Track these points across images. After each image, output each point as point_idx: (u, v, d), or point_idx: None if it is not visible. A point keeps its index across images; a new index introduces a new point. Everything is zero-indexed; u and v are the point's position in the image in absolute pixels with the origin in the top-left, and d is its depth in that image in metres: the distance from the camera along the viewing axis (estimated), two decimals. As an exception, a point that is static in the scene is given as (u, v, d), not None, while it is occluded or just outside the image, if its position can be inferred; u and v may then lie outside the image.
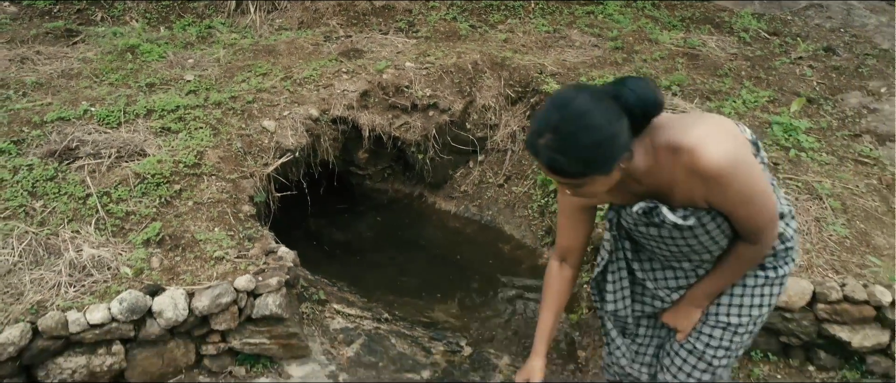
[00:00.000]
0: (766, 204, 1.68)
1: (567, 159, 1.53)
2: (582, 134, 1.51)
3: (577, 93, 1.55)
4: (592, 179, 1.59)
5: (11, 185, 3.21)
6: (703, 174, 1.57)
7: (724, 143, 1.56)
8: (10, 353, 2.34)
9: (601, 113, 1.51)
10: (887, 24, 5.33)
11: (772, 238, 1.76)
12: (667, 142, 1.61)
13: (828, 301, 2.72)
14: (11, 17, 5.03)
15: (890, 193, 3.61)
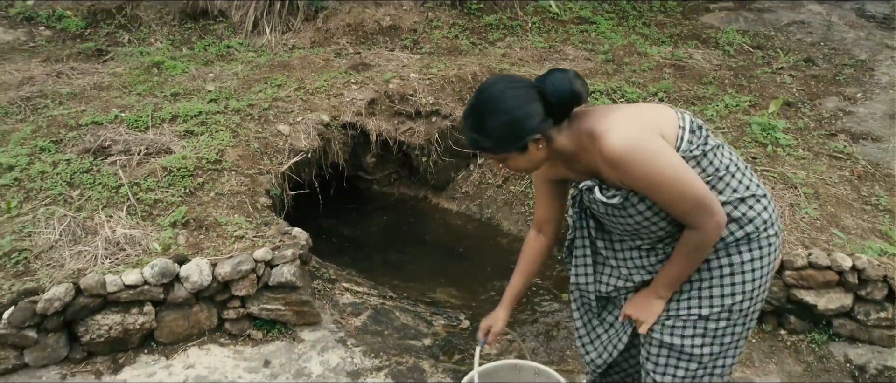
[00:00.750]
0: (682, 190, 1.75)
1: (481, 137, 1.79)
2: (491, 116, 1.76)
3: (495, 81, 1.81)
4: (509, 156, 1.83)
5: (52, 177, 3.54)
6: (606, 159, 1.76)
7: (626, 131, 1.73)
8: (55, 308, 2.63)
9: (511, 98, 1.75)
10: (865, 38, 5.64)
11: (708, 222, 1.79)
12: (586, 129, 1.81)
13: (794, 267, 2.97)
14: (47, 40, 5.44)
15: (861, 183, 3.87)
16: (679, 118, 1.85)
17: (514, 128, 1.76)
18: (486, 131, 1.78)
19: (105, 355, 2.82)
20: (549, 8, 5.95)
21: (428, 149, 4.65)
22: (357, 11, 5.70)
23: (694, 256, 1.88)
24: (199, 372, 2.78)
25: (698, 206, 1.77)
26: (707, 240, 1.83)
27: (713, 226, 1.80)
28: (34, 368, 2.73)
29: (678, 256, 1.89)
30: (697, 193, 1.76)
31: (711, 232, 1.81)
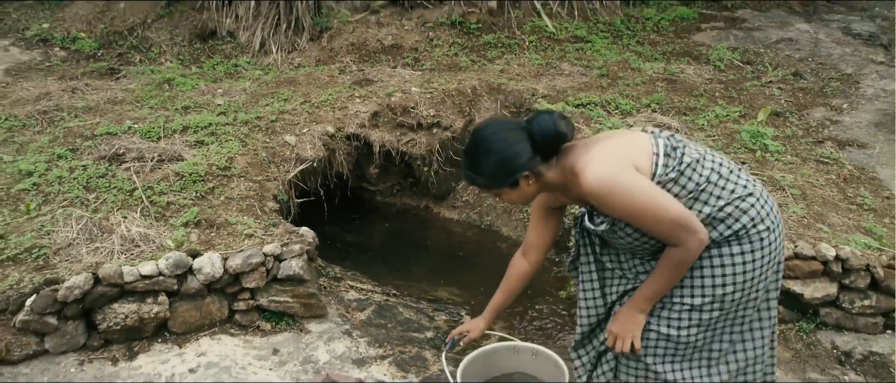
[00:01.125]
0: (658, 215, 1.89)
1: (476, 175, 2.03)
2: (484, 156, 1.99)
3: (487, 125, 2.05)
4: (503, 191, 2.04)
5: (69, 181, 3.69)
6: (586, 193, 1.93)
7: (601, 167, 1.89)
8: (75, 296, 2.76)
9: (501, 140, 1.97)
10: (851, 54, 5.84)
11: (689, 239, 1.92)
12: (569, 165, 1.98)
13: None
14: (61, 60, 5.64)
15: (847, 185, 4.02)
16: (653, 145, 1.99)
17: (504, 167, 1.97)
18: (479, 170, 2.00)
19: (121, 343, 2.94)
20: (545, 28, 6.16)
21: (429, 159, 4.81)
22: (360, 31, 5.91)
23: (675, 271, 2.00)
24: (210, 360, 2.90)
25: (676, 227, 1.91)
26: (688, 257, 1.96)
27: (695, 243, 1.93)
28: (54, 354, 2.85)
29: (660, 271, 2.02)
30: (673, 215, 1.90)
31: (693, 249, 1.94)
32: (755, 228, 1.99)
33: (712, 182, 1.98)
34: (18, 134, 4.33)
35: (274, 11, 5.91)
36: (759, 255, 2.01)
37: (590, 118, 4.62)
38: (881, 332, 3.11)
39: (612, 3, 6.68)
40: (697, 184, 1.97)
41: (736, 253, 1.99)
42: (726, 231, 1.98)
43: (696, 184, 1.97)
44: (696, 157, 2.00)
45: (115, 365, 2.85)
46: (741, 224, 1.98)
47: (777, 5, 6.95)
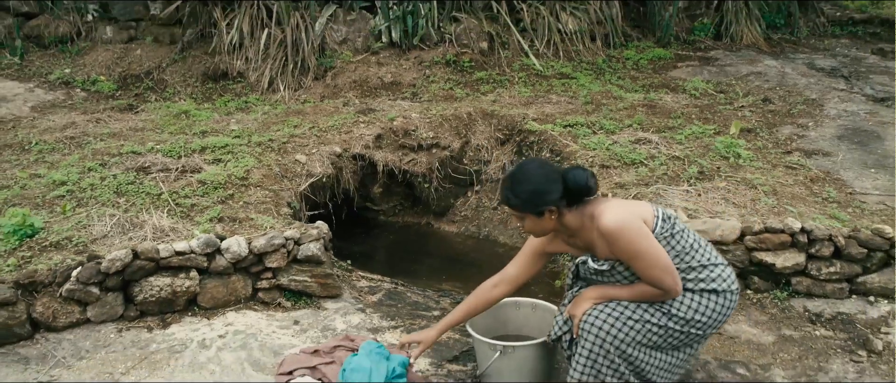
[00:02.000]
0: (654, 260, 2.31)
1: (512, 196, 2.42)
2: (523, 183, 2.40)
3: (531, 162, 2.53)
4: (528, 216, 2.43)
5: (100, 188, 4.02)
6: (602, 233, 2.34)
7: (619, 215, 2.32)
8: (117, 268, 3.05)
9: (539, 177, 2.40)
10: (815, 84, 6.33)
11: (669, 283, 2.34)
12: (588, 212, 2.41)
13: (753, 232, 3.44)
14: (83, 99, 6.04)
15: (813, 184, 4.39)
16: (655, 210, 2.44)
17: (536, 197, 2.37)
18: (516, 193, 2.41)
19: (154, 315, 3.20)
20: (532, 66, 6.64)
21: (429, 177, 5.17)
22: (362, 70, 6.36)
23: (643, 297, 2.41)
24: (237, 328, 3.16)
25: (664, 272, 2.33)
26: (660, 296, 2.39)
27: (671, 291, 2.36)
28: (95, 323, 3.11)
29: (632, 289, 2.43)
30: (664, 263, 2.33)
31: (668, 290, 2.36)
32: (728, 290, 2.46)
33: (694, 248, 2.45)
34: (49, 155, 4.67)
35: (281, 54, 6.37)
36: (723, 310, 2.46)
37: (577, 136, 5.02)
38: (847, 297, 3.42)
39: (594, 46, 7.20)
40: (683, 247, 2.41)
41: (711, 302, 2.44)
42: (710, 284, 2.43)
43: (682, 247, 2.41)
44: (683, 228, 2.46)
45: (151, 333, 3.11)
46: (717, 285, 2.44)
47: (746, 47, 7.50)
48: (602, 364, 2.41)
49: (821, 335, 3.18)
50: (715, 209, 3.83)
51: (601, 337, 2.39)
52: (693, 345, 2.52)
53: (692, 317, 2.42)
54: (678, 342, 2.46)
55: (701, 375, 2.88)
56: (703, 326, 2.45)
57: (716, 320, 2.47)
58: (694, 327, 2.44)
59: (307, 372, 2.75)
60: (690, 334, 2.45)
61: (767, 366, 2.93)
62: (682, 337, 2.45)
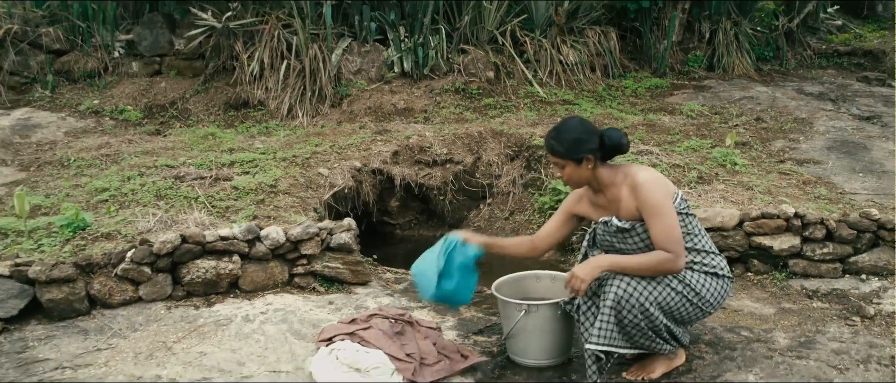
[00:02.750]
0: (671, 223, 2.57)
1: (556, 144, 2.72)
2: (565, 133, 2.71)
3: (572, 118, 2.83)
4: (568, 163, 2.73)
5: (141, 192, 4.30)
6: (634, 185, 2.64)
7: (651, 174, 2.66)
8: (167, 249, 3.32)
9: (580, 129, 2.72)
10: (804, 106, 6.70)
11: (678, 251, 2.57)
12: (623, 170, 2.73)
13: (751, 218, 3.73)
14: (112, 126, 6.37)
15: (806, 186, 4.69)
16: (676, 189, 2.75)
17: (578, 144, 2.68)
18: (560, 140, 2.72)
19: (200, 296, 3.45)
20: (537, 93, 7.02)
21: (444, 189, 5.47)
22: (376, 97, 6.72)
23: (654, 267, 2.61)
24: (277, 307, 3.41)
25: (676, 240, 2.59)
26: (669, 265, 2.59)
27: (679, 259, 2.59)
28: (146, 301, 3.36)
29: (644, 258, 2.63)
30: (678, 233, 2.61)
31: (676, 260, 2.59)
32: (726, 276, 2.77)
33: (701, 232, 2.77)
34: (87, 169, 4.97)
35: (300, 83, 6.74)
36: (723, 293, 2.74)
37: (582, 149, 5.33)
38: (841, 276, 3.69)
39: (594, 76, 7.60)
40: (692, 229, 2.72)
41: (711, 283, 2.72)
42: (711, 269, 2.72)
43: (691, 229, 2.72)
44: (694, 214, 2.78)
45: (197, 310, 3.35)
46: (718, 271, 2.73)
47: (738, 76, 7.91)
48: (628, 321, 2.63)
49: (818, 306, 3.43)
50: (715, 206, 4.12)
51: (627, 298, 2.61)
52: (691, 322, 2.78)
53: (700, 293, 2.67)
54: (686, 314, 2.70)
55: (708, 337, 3.12)
56: (707, 304, 2.71)
57: (717, 301, 2.73)
58: (701, 302, 2.69)
59: (346, 337, 2.98)
60: (697, 308, 2.69)
61: (769, 330, 3.18)
62: (690, 310, 2.69)
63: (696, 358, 2.94)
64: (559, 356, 2.99)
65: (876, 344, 2.99)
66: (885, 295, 3.46)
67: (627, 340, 2.66)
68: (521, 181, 5.56)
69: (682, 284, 2.66)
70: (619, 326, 2.63)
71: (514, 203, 5.50)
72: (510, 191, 5.54)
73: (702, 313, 2.73)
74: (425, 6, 6.97)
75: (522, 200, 5.48)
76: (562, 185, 5.05)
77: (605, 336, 2.63)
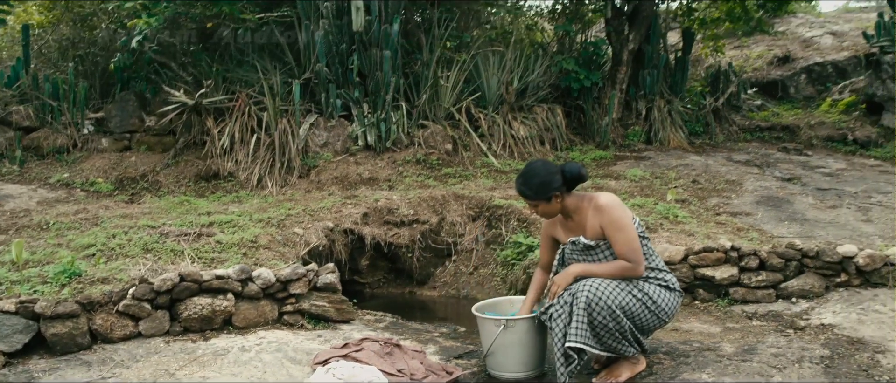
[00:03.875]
0: (632, 237, 3.01)
1: (526, 189, 3.17)
2: (531, 178, 3.16)
3: (535, 162, 3.28)
4: (540, 202, 3.19)
5: (129, 246, 4.51)
6: (597, 206, 3.13)
7: (611, 197, 3.12)
8: (167, 286, 3.54)
9: (544, 171, 3.16)
10: (734, 170, 7.40)
11: (638, 261, 3.01)
12: (585, 195, 3.21)
13: (694, 252, 4.20)
14: (83, 197, 6.53)
15: (739, 233, 5.23)
16: (632, 214, 3.22)
17: (544, 186, 3.13)
18: (529, 186, 3.16)
19: (196, 331, 3.65)
20: (492, 164, 7.54)
21: (412, 248, 5.81)
22: (342, 167, 7.10)
23: (617, 273, 3.05)
24: (269, 340, 3.63)
25: (636, 250, 3.04)
26: (630, 271, 3.04)
27: (638, 262, 3.04)
28: (145, 336, 3.54)
29: (610, 265, 3.09)
30: (638, 244, 3.07)
31: (636, 267, 3.04)
32: (678, 291, 3.22)
33: (655, 254, 3.23)
34: (68, 232, 5.13)
35: (269, 156, 7.09)
36: (675, 304, 3.18)
37: (539, 207, 5.80)
38: (775, 301, 4.15)
39: (544, 148, 8.21)
40: (648, 250, 3.17)
41: (665, 295, 3.15)
42: (665, 283, 3.17)
43: (648, 249, 3.17)
44: (648, 238, 3.25)
45: (195, 343, 3.55)
46: (671, 285, 3.18)
47: (674, 149, 8.64)
48: (598, 322, 2.99)
49: (757, 324, 3.87)
50: (662, 244, 4.59)
51: (596, 300, 2.98)
52: (651, 330, 3.17)
53: (657, 302, 3.09)
54: (646, 321, 3.09)
55: (665, 349, 3.50)
56: (663, 313, 3.12)
57: (671, 311, 3.15)
58: (658, 311, 3.10)
59: (340, 359, 3.24)
60: (655, 316, 3.10)
61: (717, 342, 3.58)
62: (649, 317, 3.09)
63: (656, 364, 3.31)
64: (535, 368, 3.31)
65: (807, 349, 3.42)
66: (812, 312, 3.93)
67: (598, 341, 3.02)
68: (483, 238, 5.95)
69: (642, 293, 3.06)
70: (591, 327, 2.99)
71: (477, 259, 5.87)
72: (473, 248, 5.91)
73: (658, 321, 3.12)
74: (387, 85, 7.51)
75: (485, 256, 5.86)
76: (523, 238, 5.48)
77: (581, 334, 2.98)
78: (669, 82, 9.31)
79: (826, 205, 6.01)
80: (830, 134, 9.03)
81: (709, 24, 10.46)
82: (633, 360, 3.18)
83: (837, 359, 3.27)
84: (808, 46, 12.17)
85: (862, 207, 5.89)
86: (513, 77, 8.32)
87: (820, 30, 12.75)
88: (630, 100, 9.10)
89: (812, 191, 6.55)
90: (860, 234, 5.03)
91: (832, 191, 6.53)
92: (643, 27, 8.90)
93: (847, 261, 4.13)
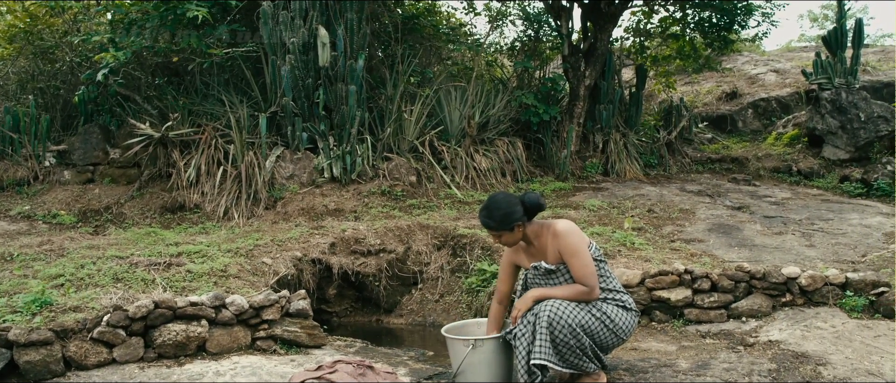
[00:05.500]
0: (587, 261, 3.21)
1: (490, 220, 3.35)
2: (494, 210, 3.35)
3: (498, 195, 3.46)
4: (503, 233, 3.39)
5: (99, 276, 4.53)
6: (555, 232, 3.34)
7: (568, 224, 3.32)
8: (142, 313, 3.60)
9: (506, 203, 3.36)
10: (687, 199, 7.74)
11: (593, 284, 3.21)
12: (547, 224, 3.40)
13: (650, 275, 4.43)
14: (46, 229, 6.49)
15: (691, 258, 5.50)
16: (589, 239, 3.43)
17: (507, 217, 3.32)
18: (492, 217, 3.34)
19: (170, 358, 3.70)
20: (455, 195, 7.73)
21: (379, 276, 5.92)
22: (308, 199, 7.20)
23: (574, 296, 3.24)
24: (243, 364, 3.70)
25: (591, 274, 3.26)
26: (586, 295, 3.25)
27: (593, 287, 3.25)
28: (119, 363, 3.57)
29: (567, 289, 3.30)
30: (592, 269, 3.28)
31: (592, 291, 3.25)
32: (634, 310, 3.43)
33: (611, 276, 3.44)
34: (34, 263, 5.11)
35: (235, 187, 7.16)
36: (632, 323, 3.38)
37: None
38: (726, 321, 4.39)
39: (505, 180, 8.45)
40: (604, 272, 3.39)
41: (622, 314, 3.36)
42: (622, 302, 3.39)
43: (604, 271, 3.39)
44: (606, 261, 3.47)
45: (169, 369, 3.60)
46: (628, 305, 3.39)
47: (630, 180, 8.98)
48: (560, 340, 3.16)
49: (710, 342, 4.10)
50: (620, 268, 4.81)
51: (557, 319, 3.16)
52: (609, 348, 3.37)
53: (615, 320, 3.29)
54: (605, 339, 3.29)
55: (625, 366, 3.68)
56: (620, 331, 3.32)
57: (628, 330, 3.35)
58: (616, 329, 3.30)
59: (314, 380, 3.34)
60: (613, 334, 3.29)
61: (673, 360, 3.79)
62: (607, 335, 3.28)
63: (616, 380, 3.49)
64: (502, 386, 3.46)
65: (756, 363, 3.65)
66: (760, 330, 4.17)
67: (560, 358, 3.18)
68: (448, 267, 6.10)
69: (601, 313, 3.25)
70: (553, 344, 3.16)
71: (443, 286, 6.01)
72: (439, 276, 6.06)
73: (616, 338, 3.31)
74: (352, 118, 7.68)
75: (451, 283, 6.01)
76: (487, 266, 5.65)
77: (544, 352, 3.14)
78: (625, 116, 9.69)
79: (772, 231, 6.34)
80: (776, 165, 9.51)
81: (661, 62, 10.95)
82: (594, 376, 3.35)
83: (783, 372, 3.50)
84: (753, 83, 12.80)
85: (805, 233, 6.23)
86: (474, 111, 8.58)
87: (764, 67, 13.43)
88: (587, 134, 9.44)
89: (760, 218, 6.90)
90: (804, 258, 5.34)
91: (778, 218, 6.89)
92: (599, 64, 9.29)
93: (791, 282, 4.40)
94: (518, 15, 11.06)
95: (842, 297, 4.38)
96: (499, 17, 11.27)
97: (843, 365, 3.54)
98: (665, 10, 10.32)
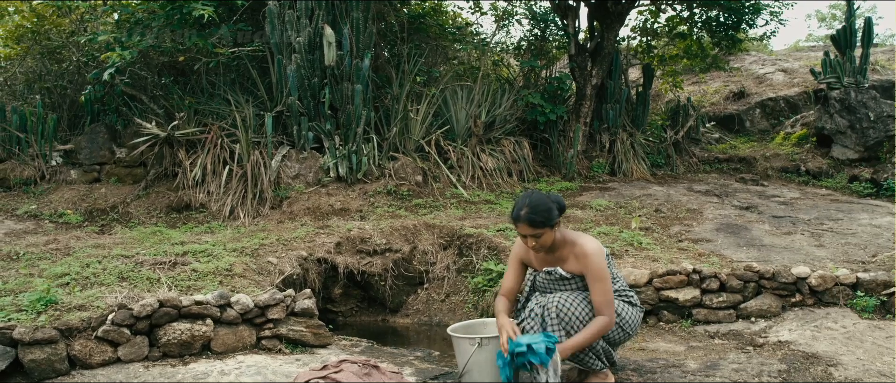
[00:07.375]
0: (607, 287, 3.15)
1: (536, 217, 3.25)
2: (539, 206, 3.26)
3: (536, 193, 3.39)
4: (545, 230, 3.30)
5: (104, 275, 4.52)
6: (583, 254, 3.28)
7: (595, 245, 3.26)
8: (147, 312, 3.58)
9: (546, 200, 3.29)
10: (694, 199, 7.69)
11: (609, 313, 3.14)
12: (568, 236, 3.35)
13: (658, 275, 4.39)
14: (52, 228, 6.49)
15: (700, 258, 5.45)
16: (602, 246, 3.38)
17: (551, 213, 3.25)
18: (538, 213, 3.23)
19: (175, 357, 3.68)
20: (461, 195, 7.70)
21: (384, 276, 5.90)
22: (314, 198, 7.19)
23: (595, 334, 3.14)
24: (248, 364, 3.68)
25: (610, 302, 3.19)
26: (605, 326, 3.16)
27: (610, 316, 3.17)
28: (124, 361, 3.56)
29: (586, 331, 3.16)
30: (612, 297, 3.22)
31: (609, 320, 3.17)
32: (640, 306, 3.47)
33: (620, 277, 3.46)
34: (39, 262, 5.11)
35: (241, 187, 7.15)
36: (638, 318, 3.41)
37: (508, 236, 5.97)
38: (735, 321, 4.35)
39: (511, 180, 8.42)
40: (615, 275, 3.39)
41: (630, 311, 3.38)
42: (630, 300, 3.41)
43: (615, 274, 3.39)
44: (613, 263, 3.46)
45: (174, 368, 3.58)
46: (635, 302, 3.42)
47: (637, 180, 8.93)
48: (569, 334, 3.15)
49: (719, 343, 4.05)
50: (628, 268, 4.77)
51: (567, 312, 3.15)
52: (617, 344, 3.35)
53: (622, 316, 3.29)
54: (613, 334, 3.27)
55: (633, 366, 3.65)
56: (627, 326, 3.32)
57: (635, 325, 3.35)
58: (623, 324, 3.30)
59: (319, 380, 3.32)
60: (620, 329, 3.29)
61: (682, 360, 3.75)
62: (615, 330, 3.27)
63: (624, 380, 3.45)
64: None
65: (766, 364, 3.60)
66: (770, 331, 4.13)
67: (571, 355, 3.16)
68: (454, 267, 6.07)
69: None
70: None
71: (449, 286, 5.98)
72: (445, 276, 6.03)
73: (623, 334, 3.29)
74: (358, 118, 7.66)
75: (456, 283, 5.98)
76: (493, 265, 5.62)
77: None
78: (631, 116, 9.65)
79: (781, 231, 6.29)
80: (784, 165, 9.44)
81: (668, 61, 10.90)
82: (602, 375, 3.32)
83: (794, 373, 3.46)
84: (761, 82, 12.72)
85: (814, 233, 6.18)
86: (480, 110, 8.55)
87: (772, 67, 13.35)
88: (594, 133, 9.40)
89: (768, 218, 6.84)
90: (813, 258, 5.29)
91: (787, 218, 6.83)
92: (605, 63, 9.24)
93: (801, 282, 4.36)
94: (524, 14, 11.04)
95: (852, 297, 4.33)
96: (505, 17, 11.24)
97: (854, 366, 3.50)
98: (672, 9, 10.27)
